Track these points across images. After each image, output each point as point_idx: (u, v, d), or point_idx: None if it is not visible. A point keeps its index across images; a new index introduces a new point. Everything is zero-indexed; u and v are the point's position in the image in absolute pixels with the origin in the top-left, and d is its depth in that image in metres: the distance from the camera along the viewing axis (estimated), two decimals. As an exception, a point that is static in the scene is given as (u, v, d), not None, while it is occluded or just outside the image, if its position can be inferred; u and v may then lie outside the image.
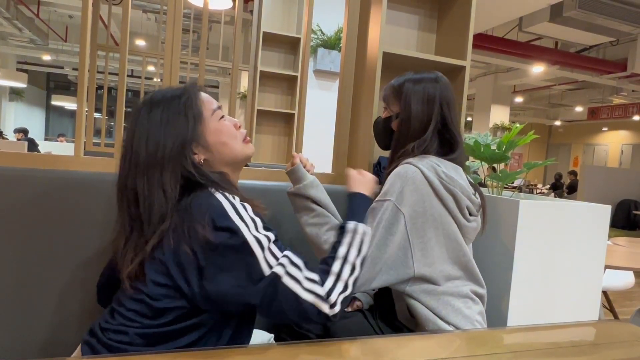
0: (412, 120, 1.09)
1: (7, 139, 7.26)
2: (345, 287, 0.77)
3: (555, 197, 9.34)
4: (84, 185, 1.12)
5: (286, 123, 3.84)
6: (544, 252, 1.36)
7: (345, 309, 1.25)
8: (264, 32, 3.54)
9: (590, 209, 1.43)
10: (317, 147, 2.61)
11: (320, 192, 1.09)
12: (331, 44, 3.82)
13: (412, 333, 1.07)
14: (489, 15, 5.29)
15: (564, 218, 1.39)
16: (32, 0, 7.17)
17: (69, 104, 11.54)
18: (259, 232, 0.75)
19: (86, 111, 1.42)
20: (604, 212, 1.45)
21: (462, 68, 1.59)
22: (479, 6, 1.63)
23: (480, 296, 1.09)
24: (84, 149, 1.33)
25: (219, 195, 0.78)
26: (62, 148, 8.41)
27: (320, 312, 0.73)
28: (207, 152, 0.84)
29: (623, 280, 2.49)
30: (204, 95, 0.88)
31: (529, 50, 7.31)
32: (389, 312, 1.16)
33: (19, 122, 11.23)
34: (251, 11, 4.21)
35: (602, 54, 8.18)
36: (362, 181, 1.02)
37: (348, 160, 1.64)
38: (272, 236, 0.77)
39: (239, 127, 0.91)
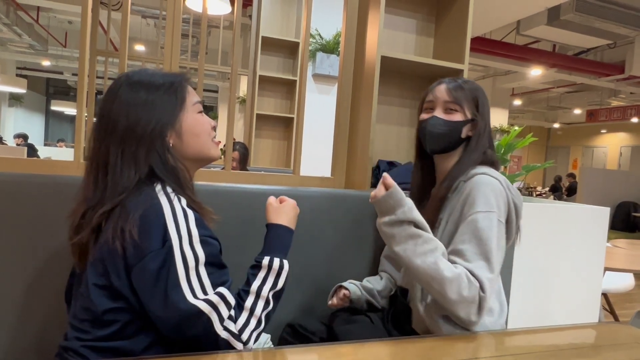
0: (487, 128, 1.10)
1: (7, 144, 7.26)
2: (259, 324, 0.78)
3: (554, 199, 9.32)
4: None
5: (285, 127, 3.84)
6: (544, 255, 1.36)
7: (330, 302, 1.20)
8: (262, 37, 3.55)
9: (589, 212, 1.43)
10: (317, 151, 2.62)
11: (419, 214, 0.96)
12: (330, 48, 3.83)
13: (410, 337, 1.07)
14: (486, 18, 5.31)
15: (563, 221, 1.39)
16: (31, 6, 7.18)
17: (69, 109, 11.54)
18: (191, 248, 0.73)
19: (86, 116, 1.42)
20: (603, 214, 1.45)
21: (460, 72, 1.60)
22: (476, 10, 1.63)
23: (502, 306, 1.08)
24: (84, 154, 1.34)
25: (162, 198, 0.76)
26: (62, 153, 8.42)
27: (231, 346, 0.74)
28: (177, 139, 0.84)
29: (623, 282, 2.49)
30: (189, 87, 0.89)
31: (526, 54, 7.33)
32: (403, 316, 1.12)
33: (18, 127, 11.24)
34: (250, 16, 4.23)
35: (600, 56, 8.20)
36: (282, 210, 0.93)
37: (347, 164, 1.64)
38: (202, 257, 0.74)
39: (213, 127, 0.91)
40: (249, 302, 0.78)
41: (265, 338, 1.10)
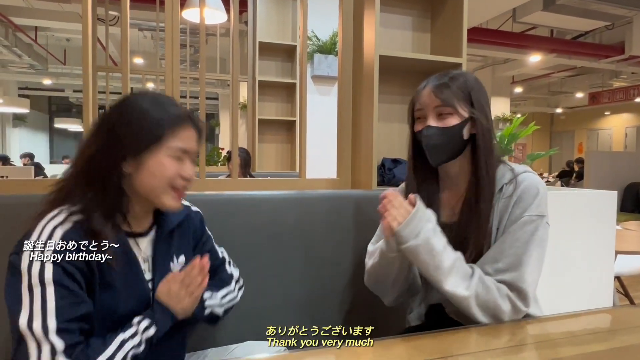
0: (490, 122, 1.00)
1: (14, 164, 7.33)
2: None
3: (562, 185, 9.23)
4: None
5: (288, 131, 3.86)
6: (556, 243, 1.36)
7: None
8: (259, 42, 3.58)
9: (597, 196, 1.43)
10: (320, 152, 2.63)
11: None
12: (327, 48, 3.83)
13: (426, 332, 1.07)
14: (482, 8, 5.29)
15: (572, 207, 1.39)
16: (29, 27, 7.26)
17: (72, 126, 11.64)
18: (42, 279, 0.72)
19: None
20: (611, 198, 1.45)
21: (459, 65, 1.60)
22: (471, 0, 1.64)
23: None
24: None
25: (52, 218, 0.78)
26: (68, 170, 8.44)
27: None
28: (135, 170, 0.82)
29: (636, 264, 2.47)
30: (189, 133, 0.85)
31: (524, 41, 7.30)
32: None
33: (23, 147, 11.34)
34: (245, 22, 4.24)
35: (599, 38, 8.15)
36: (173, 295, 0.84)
37: (352, 164, 1.65)
38: (51, 293, 0.72)
39: (186, 178, 0.85)
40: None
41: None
